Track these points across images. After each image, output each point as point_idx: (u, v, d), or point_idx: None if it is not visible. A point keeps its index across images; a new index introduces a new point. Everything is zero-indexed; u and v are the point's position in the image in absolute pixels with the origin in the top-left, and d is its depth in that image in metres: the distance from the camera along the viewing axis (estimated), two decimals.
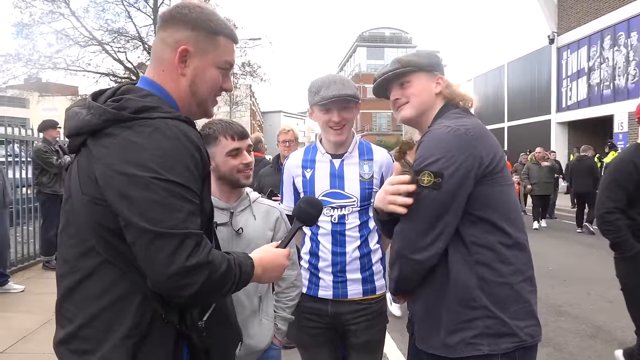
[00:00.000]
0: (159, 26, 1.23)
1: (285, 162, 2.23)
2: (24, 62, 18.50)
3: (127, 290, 1.08)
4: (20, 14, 17.90)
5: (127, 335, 1.07)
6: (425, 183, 1.40)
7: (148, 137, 1.03)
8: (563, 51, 19.29)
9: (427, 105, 1.62)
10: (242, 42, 22.01)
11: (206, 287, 1.04)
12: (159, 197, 1.00)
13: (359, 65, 59.03)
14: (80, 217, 1.10)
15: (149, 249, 0.99)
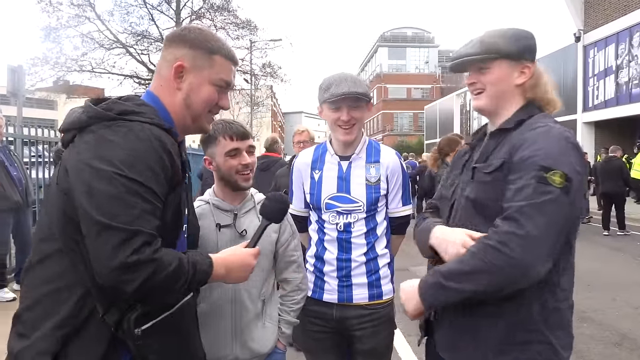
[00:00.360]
0: (164, 47, 1.33)
1: (295, 160, 2.19)
2: (52, 65, 19.02)
3: (71, 282, 1.12)
4: (47, 18, 18.43)
5: (58, 326, 1.10)
6: (558, 184, 1.24)
7: (121, 136, 1.10)
8: (590, 49, 18.81)
9: (505, 96, 1.48)
10: (263, 44, 22.16)
11: (149, 285, 1.05)
12: (117, 191, 1.05)
13: (380, 65, 58.76)
14: (51, 206, 1.17)
15: (97, 240, 1.04)
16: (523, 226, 1.22)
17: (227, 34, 20.98)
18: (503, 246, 1.23)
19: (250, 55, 22.02)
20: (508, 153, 1.37)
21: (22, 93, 7.55)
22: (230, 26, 20.97)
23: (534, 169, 1.27)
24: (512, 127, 1.44)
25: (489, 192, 1.38)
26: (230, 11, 20.78)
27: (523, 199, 1.26)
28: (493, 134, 1.50)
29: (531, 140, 1.32)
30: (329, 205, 2.02)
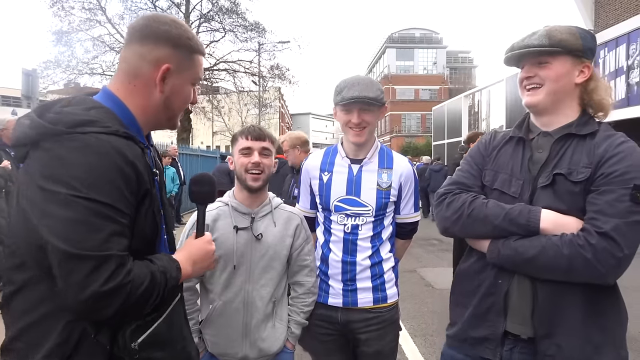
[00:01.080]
0: (134, 38, 1.19)
1: (304, 162, 2.23)
2: (63, 68, 19.28)
3: (56, 308, 1.04)
4: (59, 22, 18.70)
5: (49, 354, 1.03)
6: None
7: (75, 152, 1.01)
8: (600, 49, 18.63)
9: (563, 94, 1.46)
10: (271, 46, 22.29)
11: (125, 307, 1.01)
12: (78, 215, 0.97)
13: (388, 66, 58.71)
14: (15, 230, 1.07)
15: (64, 270, 0.96)
16: (621, 248, 1.30)
17: (235, 36, 21.14)
18: (597, 262, 1.31)
19: (258, 57, 22.14)
20: (590, 161, 1.40)
21: (36, 96, 7.69)
22: (239, 29, 21.14)
23: (627, 186, 1.32)
24: (583, 134, 1.45)
25: (577, 201, 1.40)
26: (239, 14, 20.95)
27: (618, 215, 1.31)
28: (560, 138, 1.47)
29: (622, 156, 1.36)
30: (337, 208, 2.04)
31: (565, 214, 1.41)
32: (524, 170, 1.53)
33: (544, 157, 1.50)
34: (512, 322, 1.49)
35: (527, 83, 1.50)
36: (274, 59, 23.55)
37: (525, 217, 1.42)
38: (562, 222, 1.40)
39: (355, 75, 2.03)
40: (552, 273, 1.39)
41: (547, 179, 1.46)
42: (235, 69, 22.03)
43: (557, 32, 1.44)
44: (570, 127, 1.47)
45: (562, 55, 1.44)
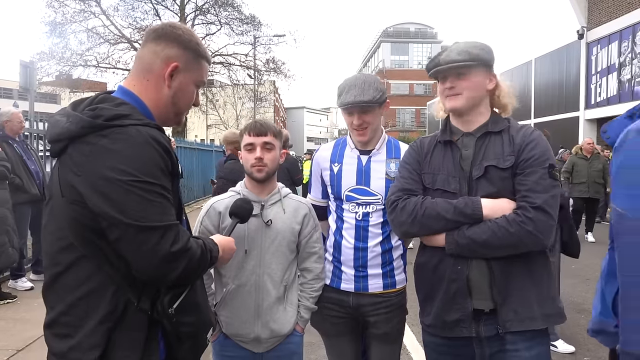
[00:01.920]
0: (149, 39, 1.35)
1: (315, 153, 2.32)
2: (57, 59, 19.14)
3: (101, 283, 1.20)
4: (53, 13, 18.55)
5: (101, 322, 1.19)
6: (556, 177, 1.66)
7: (122, 144, 1.15)
8: (593, 46, 18.82)
9: (478, 100, 1.74)
10: (267, 39, 22.28)
11: (187, 271, 1.20)
12: (138, 196, 1.13)
13: (382, 61, 58.68)
14: (59, 217, 1.21)
15: (135, 242, 1.13)
16: (553, 217, 1.61)
17: (231, 29, 21.11)
18: (538, 232, 1.60)
19: (254, 50, 22.11)
20: (512, 151, 1.68)
21: (34, 88, 7.69)
22: (235, 22, 21.11)
23: (545, 167, 1.63)
24: (497, 131, 1.74)
25: (507, 185, 1.68)
26: (234, 7, 20.91)
27: (544, 191, 1.61)
28: (481, 136, 1.75)
29: (535, 143, 1.67)
30: (349, 197, 2.13)
31: (496, 196, 1.69)
32: (457, 168, 1.76)
33: (471, 154, 1.76)
34: (477, 300, 1.70)
35: (449, 93, 1.75)
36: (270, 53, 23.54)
37: (470, 208, 1.67)
38: (498, 206, 1.67)
39: (354, 76, 2.10)
40: (504, 250, 1.64)
41: (480, 171, 1.71)
42: (231, 62, 22.03)
43: (473, 48, 1.71)
44: (487, 126, 1.76)
45: (478, 68, 1.72)
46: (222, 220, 1.98)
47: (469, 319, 1.71)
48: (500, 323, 1.67)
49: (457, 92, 1.72)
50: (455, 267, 1.71)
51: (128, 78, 1.36)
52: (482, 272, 1.69)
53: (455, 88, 1.71)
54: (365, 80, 2.06)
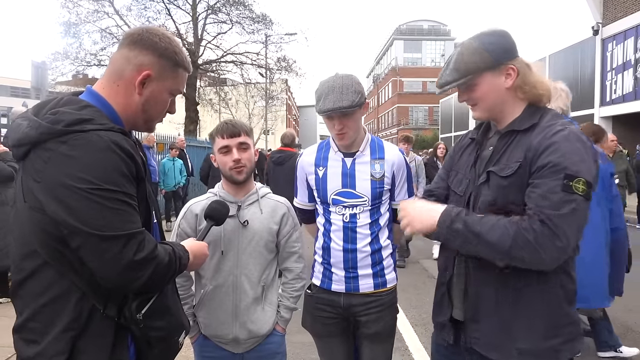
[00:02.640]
0: (125, 43, 1.31)
1: (299, 158, 2.31)
2: (72, 59, 19.40)
3: (65, 290, 1.18)
4: (68, 13, 18.80)
5: (65, 329, 1.17)
6: (581, 192, 1.34)
7: (82, 150, 1.12)
8: (608, 43, 18.49)
9: (499, 103, 1.54)
10: (278, 38, 22.27)
11: (153, 279, 1.18)
12: (98, 204, 1.11)
13: (395, 58, 58.40)
14: (22, 223, 1.20)
15: (97, 251, 1.11)
16: (560, 238, 1.33)
17: (242, 28, 21.14)
18: (538, 246, 1.34)
19: (265, 49, 22.16)
20: (525, 156, 1.44)
21: (46, 88, 7.82)
22: (246, 20, 21.11)
23: (559, 177, 1.34)
24: (524, 129, 1.49)
25: (508, 195, 1.45)
26: (245, 5, 20.91)
27: (551, 206, 1.34)
28: (503, 135, 1.54)
29: (555, 147, 1.38)
30: (335, 201, 2.13)
31: (494, 205, 1.48)
32: (471, 169, 1.64)
33: (488, 155, 1.59)
34: (455, 307, 1.63)
35: (468, 104, 1.60)
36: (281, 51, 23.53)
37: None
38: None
39: (331, 80, 2.04)
40: (495, 251, 1.40)
41: (483, 177, 1.55)
42: (242, 60, 22.06)
43: (462, 62, 1.50)
44: (514, 124, 1.54)
45: (479, 75, 1.50)
46: (199, 222, 1.98)
47: (449, 325, 1.66)
48: (467, 338, 1.58)
49: (472, 103, 1.57)
50: (444, 271, 1.68)
51: (100, 80, 1.34)
52: (459, 279, 1.60)
53: (469, 100, 1.57)
54: (342, 84, 2.00)
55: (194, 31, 20.39)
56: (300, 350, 3.86)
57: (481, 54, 1.48)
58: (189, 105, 19.66)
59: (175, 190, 9.97)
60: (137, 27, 1.37)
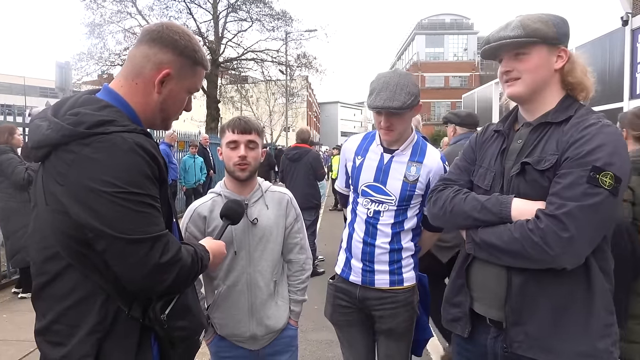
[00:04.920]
0: (144, 40, 1.28)
1: (344, 144, 2.34)
2: (96, 60, 19.84)
3: (90, 291, 1.17)
4: (92, 14, 19.21)
5: (91, 331, 1.17)
6: (607, 185, 1.29)
7: (106, 153, 1.11)
8: (638, 34, 17.87)
9: (543, 83, 1.46)
10: (298, 34, 22.30)
11: (177, 281, 1.18)
12: (123, 208, 1.10)
13: (417, 53, 57.80)
14: (44, 225, 1.18)
15: (123, 254, 1.10)
16: (567, 229, 1.29)
17: (262, 25, 21.25)
18: (545, 244, 1.31)
19: (285, 46, 22.20)
20: (558, 148, 1.39)
21: (70, 88, 7.97)
22: (266, 18, 21.22)
23: (586, 169, 1.30)
24: (558, 122, 1.44)
25: (545, 190, 1.39)
26: (265, 3, 21.00)
27: (572, 198, 1.30)
28: (536, 127, 1.48)
29: (586, 139, 1.34)
30: (364, 192, 2.13)
31: (532, 200, 1.43)
32: (497, 162, 1.57)
33: (519, 147, 1.52)
34: (490, 307, 1.55)
35: (507, 77, 1.50)
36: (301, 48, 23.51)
37: (497, 207, 1.45)
38: (528, 209, 1.40)
39: (388, 76, 2.02)
40: (512, 258, 1.40)
41: (517, 168, 1.47)
42: (263, 58, 22.16)
43: (531, 21, 1.44)
44: (547, 116, 1.48)
45: (538, 45, 1.44)
46: (208, 224, 1.97)
47: (465, 319, 1.61)
48: (508, 342, 1.48)
49: (514, 76, 1.46)
50: (463, 264, 1.63)
51: (116, 77, 1.30)
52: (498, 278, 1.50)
53: (512, 72, 1.47)
54: (398, 82, 1.97)
55: (214, 29, 20.58)
56: (317, 348, 3.86)
57: (547, 25, 1.44)
58: (210, 102, 19.86)
59: (196, 187, 10.07)
60: (156, 23, 1.33)
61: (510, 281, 1.46)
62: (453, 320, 1.67)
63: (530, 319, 1.43)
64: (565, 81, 1.49)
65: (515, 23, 1.45)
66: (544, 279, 1.41)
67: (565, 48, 1.47)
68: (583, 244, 1.33)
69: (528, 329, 1.44)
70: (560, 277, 1.39)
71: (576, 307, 1.40)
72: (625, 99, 18.51)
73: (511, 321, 1.47)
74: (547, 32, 1.43)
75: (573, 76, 1.47)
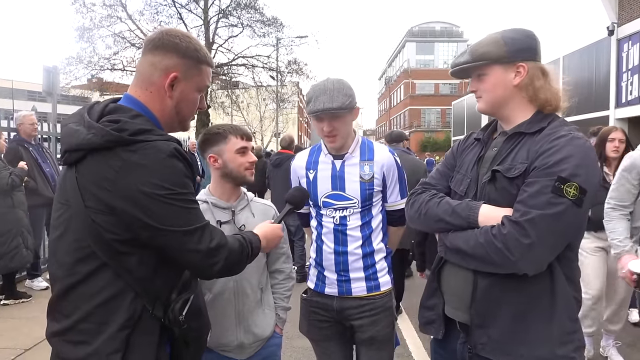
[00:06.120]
0: (147, 50, 1.35)
1: (292, 162, 2.33)
2: (85, 64, 19.72)
3: (121, 290, 1.24)
4: (82, 19, 19.12)
5: (122, 327, 1.24)
6: (571, 196, 1.32)
7: (153, 159, 1.21)
8: (624, 43, 18.17)
9: (503, 99, 1.53)
10: (289, 41, 22.35)
11: (229, 263, 1.34)
12: (176, 207, 1.23)
13: (407, 60, 58.22)
14: (80, 227, 1.24)
15: (182, 244, 1.25)
16: (528, 235, 1.33)
17: (253, 31, 21.28)
18: (506, 250, 1.36)
19: (276, 52, 22.24)
20: (528, 157, 1.44)
21: (57, 92, 7.89)
22: (257, 24, 21.26)
23: (552, 178, 1.34)
24: (531, 132, 1.49)
25: (514, 196, 1.43)
26: (256, 9, 21.06)
27: (536, 206, 1.34)
28: (510, 136, 1.53)
29: (554, 150, 1.37)
30: (325, 203, 2.13)
31: (501, 206, 1.46)
32: (473, 169, 1.62)
33: (493, 155, 1.57)
34: (457, 310, 1.59)
35: (475, 95, 1.61)
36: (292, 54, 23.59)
37: (466, 212, 1.50)
38: (495, 215, 1.44)
39: (322, 82, 2.07)
40: (478, 263, 1.45)
41: (488, 176, 1.52)
42: (254, 64, 22.18)
43: (479, 46, 1.53)
44: (522, 126, 1.53)
45: (492, 66, 1.52)
46: None
47: (439, 322, 1.66)
48: (472, 343, 1.53)
49: (478, 95, 1.58)
50: (437, 266, 1.68)
51: (131, 88, 1.36)
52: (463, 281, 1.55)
53: (476, 92, 1.58)
54: (334, 86, 2.02)
55: (205, 35, 20.57)
56: (302, 355, 3.84)
57: (498, 45, 1.50)
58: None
59: None
60: (156, 31, 1.40)
61: (476, 285, 1.50)
62: (427, 322, 1.71)
63: (493, 323, 1.48)
64: (534, 96, 1.52)
65: (467, 50, 1.57)
66: (508, 284, 1.44)
67: (523, 64, 1.49)
68: (543, 251, 1.37)
69: (491, 332, 1.48)
70: (523, 283, 1.42)
71: (538, 312, 1.44)
72: (611, 107, 18.79)
73: (476, 324, 1.51)
74: (495, 53, 1.50)
75: (532, 89, 1.51)
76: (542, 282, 1.42)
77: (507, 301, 1.45)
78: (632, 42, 17.77)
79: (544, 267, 1.39)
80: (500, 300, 1.46)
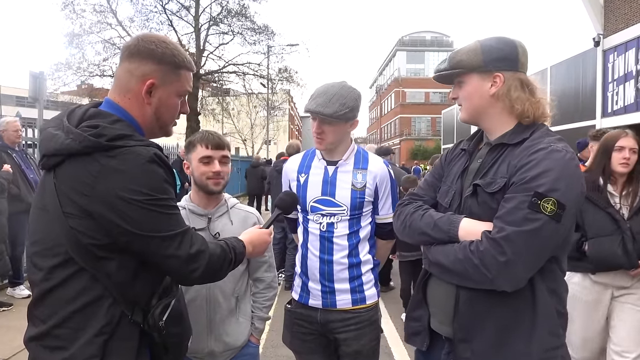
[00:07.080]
0: (124, 57, 1.33)
1: (285, 165, 2.29)
2: (74, 70, 19.57)
3: (98, 295, 1.23)
4: (71, 24, 19.00)
5: (98, 333, 1.22)
6: (549, 212, 1.30)
7: (132, 164, 1.20)
8: (609, 54, 18.45)
9: (480, 108, 1.51)
10: (279, 49, 22.40)
11: (210, 269, 1.32)
12: (154, 212, 1.22)
13: (398, 69, 58.60)
14: (57, 232, 1.22)
15: (161, 249, 1.24)
16: (505, 253, 1.31)
17: (244, 39, 21.29)
18: (483, 267, 1.34)
19: (267, 60, 22.27)
20: (507, 172, 1.41)
21: (43, 98, 7.81)
22: (248, 32, 21.28)
23: (528, 194, 1.31)
24: (514, 143, 1.46)
25: (494, 211, 1.40)
26: (247, 17, 21.07)
27: (512, 223, 1.32)
28: (494, 147, 1.51)
29: (532, 164, 1.34)
30: (313, 208, 2.09)
31: (482, 220, 1.45)
32: (458, 181, 1.59)
33: (476, 167, 1.55)
34: (442, 324, 1.57)
35: (457, 103, 1.60)
36: (283, 62, 23.65)
37: (447, 226, 1.48)
38: (475, 229, 1.42)
39: (331, 84, 2.03)
40: (457, 278, 1.44)
41: (470, 190, 1.50)
42: (244, 71, 22.17)
43: (458, 54, 1.53)
44: (505, 137, 1.50)
45: (469, 74, 1.51)
46: None
47: (424, 333, 1.63)
48: (456, 356, 1.50)
49: (459, 102, 1.57)
50: (422, 279, 1.66)
51: (111, 93, 1.35)
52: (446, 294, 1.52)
53: (457, 99, 1.57)
54: (337, 92, 1.98)
55: (196, 42, 20.54)
56: None
57: (475, 53, 1.49)
58: (191, 115, 19.72)
59: None
60: (133, 38, 1.38)
61: (458, 298, 1.48)
62: (413, 334, 1.68)
63: (476, 337, 1.45)
64: (513, 106, 1.49)
65: (447, 57, 1.57)
66: (491, 299, 1.41)
67: (499, 74, 1.47)
68: (520, 268, 1.34)
69: (474, 346, 1.45)
70: (505, 298, 1.40)
71: (519, 327, 1.41)
72: (597, 117, 19.03)
73: (459, 338, 1.49)
74: (471, 62, 1.49)
75: (508, 100, 1.48)
76: (523, 297, 1.40)
77: (490, 315, 1.43)
78: (617, 53, 18.05)
79: (523, 283, 1.37)
80: (483, 314, 1.44)
